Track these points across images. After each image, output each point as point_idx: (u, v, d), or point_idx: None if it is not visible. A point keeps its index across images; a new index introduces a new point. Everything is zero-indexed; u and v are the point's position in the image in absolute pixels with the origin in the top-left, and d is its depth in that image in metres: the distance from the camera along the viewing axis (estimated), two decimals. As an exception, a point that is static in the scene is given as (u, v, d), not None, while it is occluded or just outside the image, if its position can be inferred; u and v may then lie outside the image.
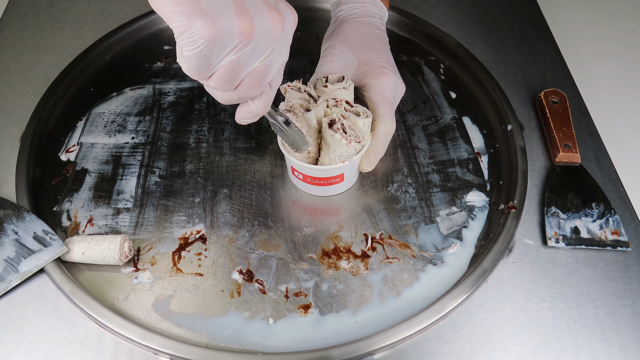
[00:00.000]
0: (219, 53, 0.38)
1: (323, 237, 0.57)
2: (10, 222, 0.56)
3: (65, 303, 0.52)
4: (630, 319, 0.52)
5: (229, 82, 0.40)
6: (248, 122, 0.47)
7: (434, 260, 0.56)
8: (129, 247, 0.54)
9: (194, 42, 0.36)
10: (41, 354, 0.49)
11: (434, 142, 0.66)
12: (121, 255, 0.53)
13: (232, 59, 0.38)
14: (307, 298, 0.53)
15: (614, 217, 0.58)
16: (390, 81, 0.58)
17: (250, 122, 0.46)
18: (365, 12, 0.63)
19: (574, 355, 0.50)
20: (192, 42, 0.36)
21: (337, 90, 0.55)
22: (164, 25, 0.80)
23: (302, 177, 0.57)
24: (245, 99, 0.43)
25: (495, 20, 0.83)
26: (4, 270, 0.53)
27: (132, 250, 0.55)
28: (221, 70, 0.39)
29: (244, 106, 0.45)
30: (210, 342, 0.50)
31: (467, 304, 0.53)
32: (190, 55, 0.37)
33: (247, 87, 0.42)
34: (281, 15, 0.39)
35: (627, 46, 0.85)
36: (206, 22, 0.35)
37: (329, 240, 0.57)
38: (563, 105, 0.67)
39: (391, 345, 0.50)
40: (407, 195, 0.61)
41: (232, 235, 0.57)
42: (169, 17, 0.36)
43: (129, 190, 0.61)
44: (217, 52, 0.37)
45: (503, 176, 0.63)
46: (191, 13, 0.35)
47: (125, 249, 0.54)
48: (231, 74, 0.39)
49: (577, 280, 0.55)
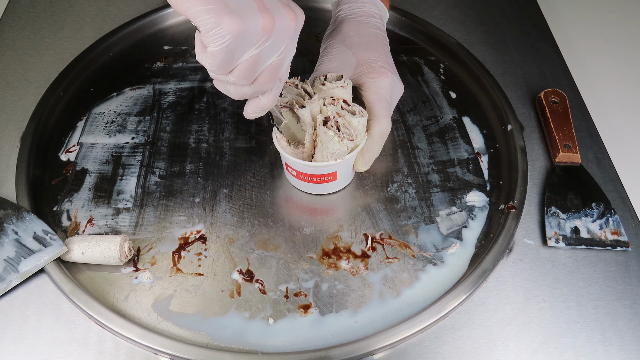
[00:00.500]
0: (243, 48, 0.40)
1: (323, 237, 0.57)
2: (10, 222, 0.56)
3: (65, 303, 0.52)
4: (630, 319, 0.52)
5: (249, 76, 0.43)
6: (256, 117, 0.49)
7: (434, 260, 0.56)
8: (129, 247, 0.54)
9: (221, 38, 0.38)
10: (41, 354, 0.49)
11: (434, 142, 0.66)
12: (121, 255, 0.53)
13: (254, 54, 0.41)
14: (307, 298, 0.53)
15: (614, 217, 0.58)
16: (387, 81, 0.58)
17: (258, 116, 0.49)
18: (365, 12, 0.63)
19: (574, 355, 0.50)
20: (219, 38, 0.38)
21: (335, 88, 0.55)
22: (164, 25, 0.80)
23: (296, 173, 0.58)
24: (259, 92, 0.46)
25: (495, 20, 0.83)
26: (4, 270, 0.53)
27: (132, 250, 0.55)
28: (242, 65, 0.42)
29: (254, 101, 0.47)
30: (210, 342, 0.50)
31: (467, 304, 0.53)
32: (217, 50, 0.39)
33: (263, 81, 0.44)
34: (294, 12, 0.42)
35: (628, 46, 0.85)
36: (234, 18, 0.38)
37: (329, 240, 0.57)
38: (563, 105, 0.67)
39: (391, 345, 0.50)
40: (407, 195, 0.61)
41: (232, 235, 0.57)
42: (196, 15, 0.38)
43: (129, 190, 0.61)
44: (242, 47, 0.40)
45: (503, 176, 0.63)
46: (219, 11, 0.38)
47: (125, 249, 0.54)
48: (251, 69, 0.42)
49: (577, 280, 0.55)
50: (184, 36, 0.79)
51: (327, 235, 0.58)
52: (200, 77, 0.73)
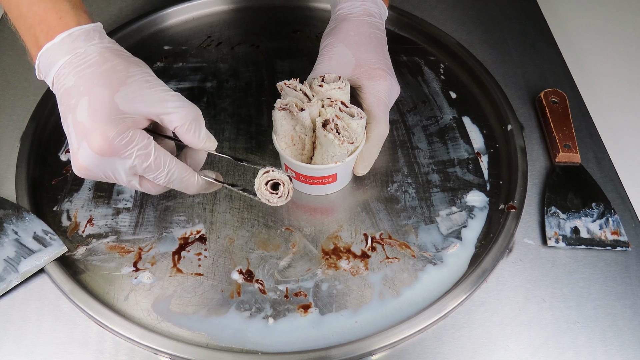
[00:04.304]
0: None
1: (323, 237, 0.57)
2: (10, 222, 0.56)
3: (65, 303, 0.52)
4: (630, 319, 0.52)
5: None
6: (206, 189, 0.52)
7: (434, 260, 0.56)
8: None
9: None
10: (41, 354, 0.49)
11: (434, 142, 0.66)
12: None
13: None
14: (307, 298, 0.53)
15: (613, 217, 0.58)
16: (386, 84, 0.58)
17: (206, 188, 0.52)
18: (366, 11, 0.63)
19: (574, 355, 0.50)
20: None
21: (333, 90, 0.55)
22: (164, 25, 0.80)
23: (295, 175, 0.58)
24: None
25: (495, 20, 0.83)
26: (4, 270, 0.53)
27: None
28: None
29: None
30: (210, 342, 0.50)
31: (467, 304, 0.53)
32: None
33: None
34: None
35: (628, 46, 0.85)
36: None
37: (329, 240, 0.57)
38: (563, 105, 0.67)
39: (391, 345, 0.50)
40: (407, 195, 0.61)
41: (232, 235, 0.57)
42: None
43: (129, 190, 0.61)
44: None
45: (503, 176, 0.63)
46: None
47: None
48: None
49: (577, 280, 0.55)
50: (184, 36, 0.79)
51: (327, 235, 0.58)
52: (200, 77, 0.73)
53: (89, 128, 0.43)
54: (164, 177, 0.47)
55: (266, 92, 0.71)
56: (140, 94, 0.44)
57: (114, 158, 0.44)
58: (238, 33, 0.80)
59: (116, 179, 0.46)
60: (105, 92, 0.43)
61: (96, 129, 0.43)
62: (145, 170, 0.46)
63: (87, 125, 0.43)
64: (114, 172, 0.45)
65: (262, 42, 0.78)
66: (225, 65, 0.75)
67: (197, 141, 0.47)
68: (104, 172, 0.45)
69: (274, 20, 0.82)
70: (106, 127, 0.42)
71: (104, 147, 0.43)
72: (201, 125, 0.47)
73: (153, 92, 0.45)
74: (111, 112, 0.43)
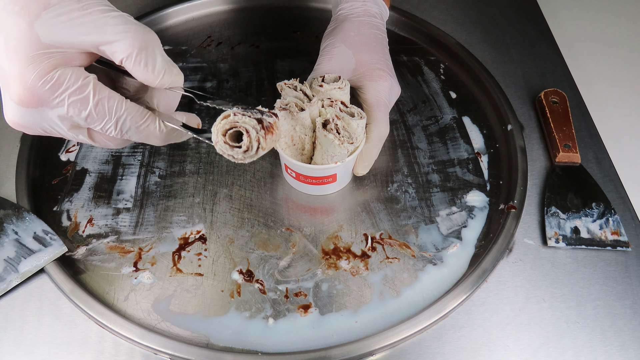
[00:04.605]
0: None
1: (323, 237, 0.57)
2: (10, 222, 0.56)
3: (65, 303, 0.52)
4: (630, 319, 0.52)
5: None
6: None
7: (434, 260, 0.56)
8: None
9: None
10: (41, 354, 0.49)
11: (434, 142, 0.66)
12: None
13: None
14: (307, 298, 0.53)
15: (614, 217, 0.58)
16: (386, 84, 0.58)
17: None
18: (367, 12, 0.63)
19: (574, 355, 0.50)
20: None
21: (333, 90, 0.55)
22: (164, 25, 0.80)
23: (295, 175, 0.58)
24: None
25: (495, 20, 0.83)
26: (4, 270, 0.53)
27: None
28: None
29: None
30: (210, 342, 0.50)
31: (467, 304, 0.53)
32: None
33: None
34: None
35: (628, 46, 0.85)
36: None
37: (329, 240, 0.57)
38: (563, 105, 0.67)
39: (391, 345, 0.50)
40: (407, 195, 0.61)
41: (232, 235, 0.57)
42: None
43: (129, 190, 0.61)
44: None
45: (503, 176, 0.63)
46: None
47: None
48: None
49: (577, 280, 0.55)
50: (184, 36, 0.79)
51: (327, 235, 0.58)
52: (200, 77, 0.73)
53: (8, 73, 0.34)
54: (114, 127, 0.38)
55: (266, 92, 0.71)
56: (69, 19, 0.34)
57: (43, 108, 0.35)
58: (238, 33, 0.80)
59: (59, 133, 0.39)
60: (22, 20, 0.33)
61: (13, 73, 0.34)
62: (87, 120, 0.37)
63: (6, 70, 0.34)
64: (52, 125, 0.37)
65: (262, 42, 0.78)
66: (225, 65, 0.75)
67: (151, 76, 0.38)
68: (40, 126, 0.37)
69: (274, 20, 0.82)
70: (24, 70, 0.34)
71: (23, 96, 0.34)
72: (155, 54, 0.37)
73: (87, 14, 0.34)
74: (30, 47, 0.33)
